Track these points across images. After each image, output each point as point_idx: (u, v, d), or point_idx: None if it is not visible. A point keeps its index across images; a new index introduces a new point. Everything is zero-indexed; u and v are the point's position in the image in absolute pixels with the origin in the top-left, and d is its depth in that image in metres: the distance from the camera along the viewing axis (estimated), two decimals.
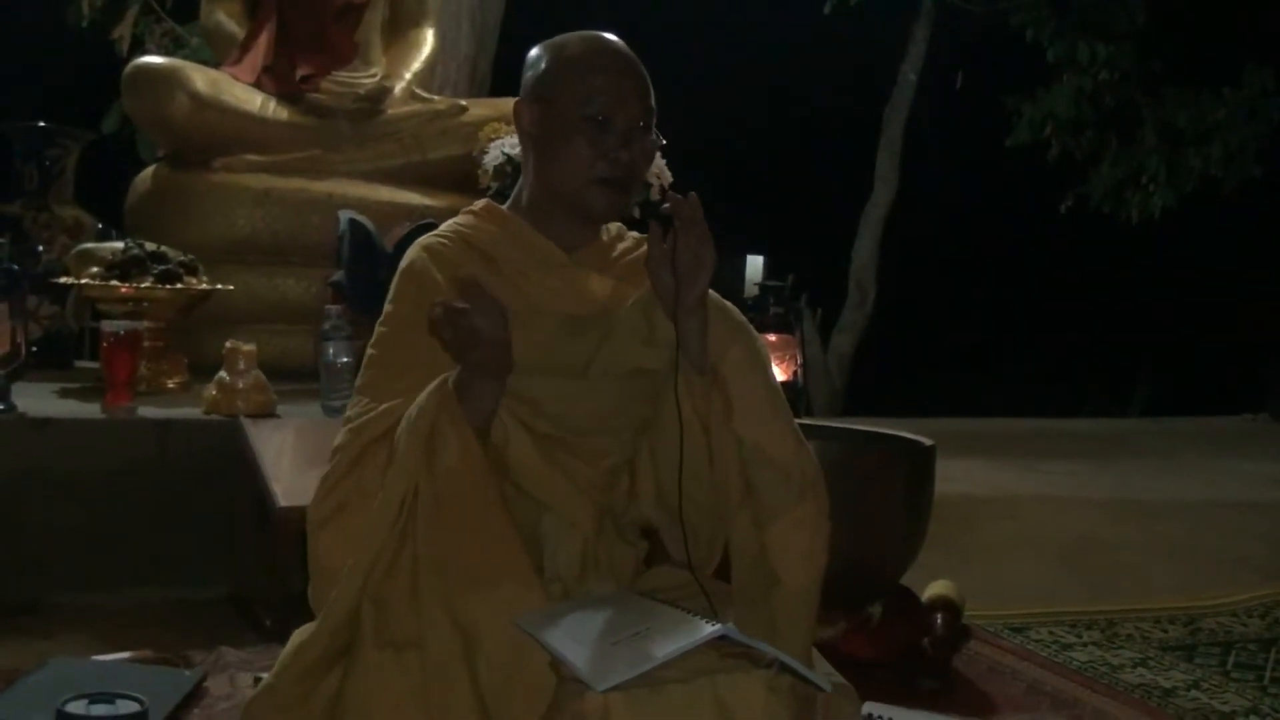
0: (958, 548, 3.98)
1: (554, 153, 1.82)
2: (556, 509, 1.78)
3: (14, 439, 3.16)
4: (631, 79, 1.83)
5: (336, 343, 3.53)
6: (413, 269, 1.84)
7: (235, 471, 3.14)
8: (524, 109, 1.86)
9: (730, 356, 1.74)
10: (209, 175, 4.62)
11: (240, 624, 3.02)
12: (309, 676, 1.63)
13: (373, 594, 1.60)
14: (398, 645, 1.57)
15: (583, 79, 1.81)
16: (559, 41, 1.88)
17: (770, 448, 1.72)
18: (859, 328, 11.47)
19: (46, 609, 3.05)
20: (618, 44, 1.87)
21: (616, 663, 1.48)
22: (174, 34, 8.04)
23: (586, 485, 1.80)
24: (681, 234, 1.67)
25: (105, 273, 3.86)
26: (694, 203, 1.67)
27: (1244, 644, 3.24)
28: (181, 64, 4.82)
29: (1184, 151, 9.90)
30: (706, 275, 1.68)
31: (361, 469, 1.70)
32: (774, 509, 1.71)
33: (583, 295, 1.84)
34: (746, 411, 1.73)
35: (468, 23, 7.17)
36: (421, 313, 1.73)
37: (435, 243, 1.86)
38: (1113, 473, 6.01)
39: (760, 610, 1.70)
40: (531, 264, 1.85)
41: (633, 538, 1.90)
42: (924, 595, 2.99)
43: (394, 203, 4.75)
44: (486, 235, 1.88)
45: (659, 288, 1.70)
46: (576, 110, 1.79)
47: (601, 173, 1.80)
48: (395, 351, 1.80)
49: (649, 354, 1.73)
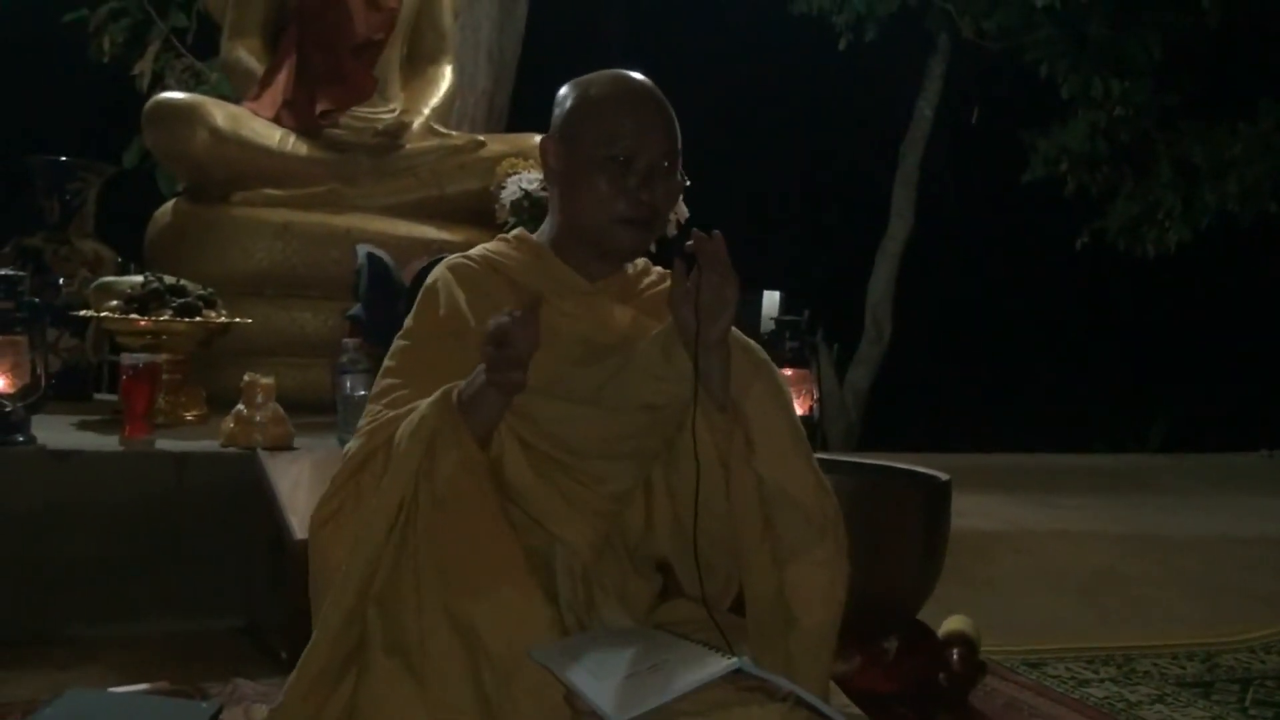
0: (974, 582, 3.97)
1: (576, 190, 1.84)
2: (551, 528, 1.78)
3: (33, 471, 3.17)
4: (656, 119, 1.84)
5: (354, 376, 3.54)
6: (436, 287, 1.88)
7: (252, 504, 3.14)
8: (550, 146, 1.88)
9: (753, 394, 1.75)
10: (228, 209, 4.66)
11: (256, 656, 3.03)
12: (318, 689, 1.63)
13: (377, 597, 1.62)
14: (404, 649, 1.58)
15: (606, 118, 1.82)
16: (586, 80, 1.89)
17: (792, 487, 1.73)
18: (875, 362, 11.46)
19: (64, 640, 3.06)
20: (645, 84, 1.88)
21: (633, 696, 1.48)
22: (194, 69, 8.12)
23: (583, 507, 1.79)
24: (705, 271, 1.67)
25: (125, 306, 3.89)
26: (718, 241, 1.68)
27: (1262, 680, 3.22)
28: (202, 99, 4.86)
29: (1200, 187, 9.87)
30: (729, 313, 1.68)
31: (362, 473, 1.72)
32: (794, 548, 1.72)
33: (603, 323, 1.85)
34: (769, 450, 1.74)
35: (485, 58, 7.23)
36: (439, 329, 1.76)
37: (461, 264, 1.90)
38: (1129, 508, 5.97)
39: (777, 648, 1.70)
40: (553, 290, 1.86)
41: (648, 571, 1.90)
42: (940, 630, 2.98)
43: (411, 237, 4.77)
44: (514, 262, 1.91)
45: (680, 324, 1.70)
46: (599, 149, 1.81)
47: (622, 212, 1.82)
48: (410, 363, 1.83)
49: (660, 389, 1.73)
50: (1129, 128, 10.04)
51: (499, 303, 1.79)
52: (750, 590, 1.73)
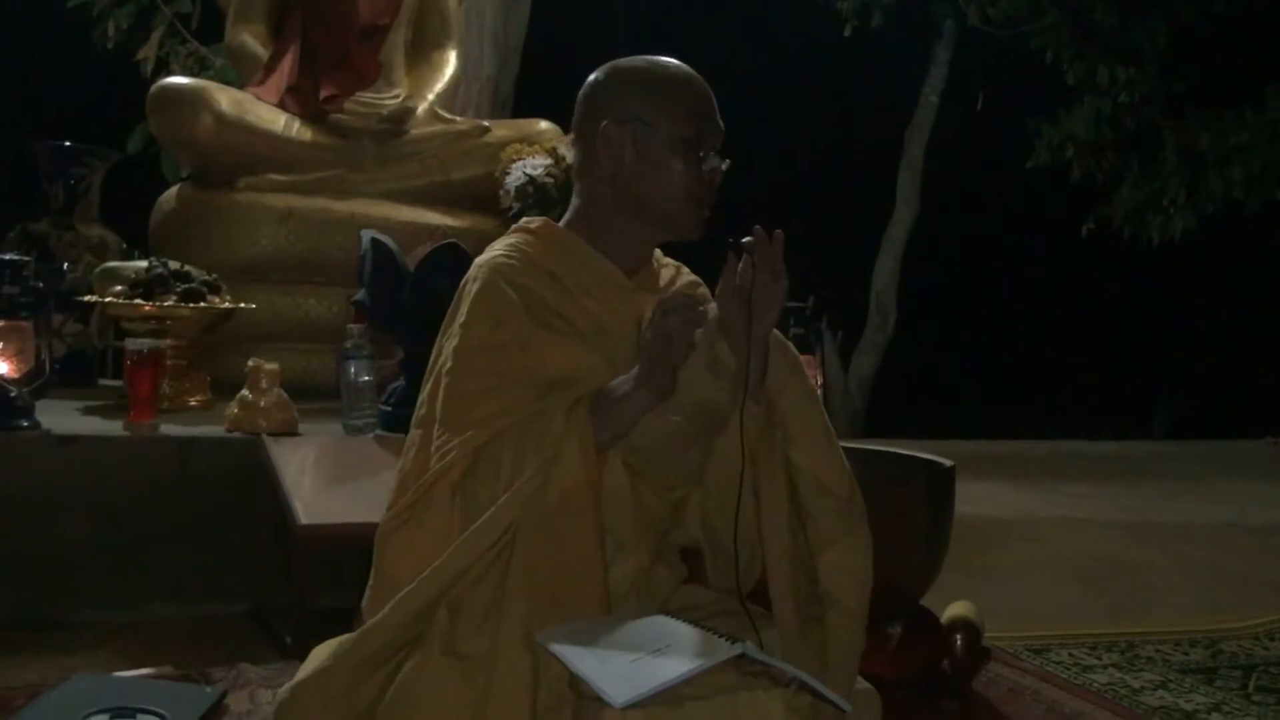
0: (978, 569, 3.97)
1: (651, 173, 1.81)
2: (618, 537, 1.77)
3: (38, 456, 3.18)
4: (712, 101, 1.86)
5: (358, 361, 3.55)
6: (488, 292, 1.78)
7: (257, 489, 3.15)
8: (614, 129, 1.82)
9: (790, 390, 1.77)
10: (233, 195, 4.65)
11: (261, 641, 3.03)
12: (365, 667, 1.62)
13: (452, 600, 1.61)
14: (463, 655, 1.57)
15: (679, 100, 1.82)
16: (636, 65, 1.87)
17: (826, 477, 1.77)
18: (880, 349, 11.47)
19: (69, 626, 3.06)
20: (689, 68, 1.88)
21: (635, 680, 1.48)
22: (199, 55, 8.10)
23: (650, 516, 1.81)
24: (759, 270, 1.68)
25: (129, 291, 3.89)
26: (778, 240, 1.68)
27: (1265, 667, 3.22)
28: (206, 84, 4.86)
29: (1205, 174, 9.86)
30: (776, 310, 1.69)
31: (433, 493, 1.70)
32: (830, 535, 1.75)
33: (643, 321, 1.83)
34: (807, 443, 1.77)
35: (490, 44, 7.21)
36: (497, 334, 1.73)
37: (504, 263, 1.82)
38: (1134, 495, 5.98)
39: (812, 632, 1.70)
40: (597, 284, 1.85)
41: (674, 560, 1.91)
42: (944, 616, 2.99)
43: (416, 223, 4.77)
44: (547, 253, 1.85)
45: (729, 320, 1.69)
46: (675, 130, 1.80)
47: (697, 192, 1.82)
48: (473, 380, 1.74)
49: (717, 386, 1.72)
50: (1134, 115, 10.03)
51: (545, 297, 1.79)
52: (783, 579, 1.71)
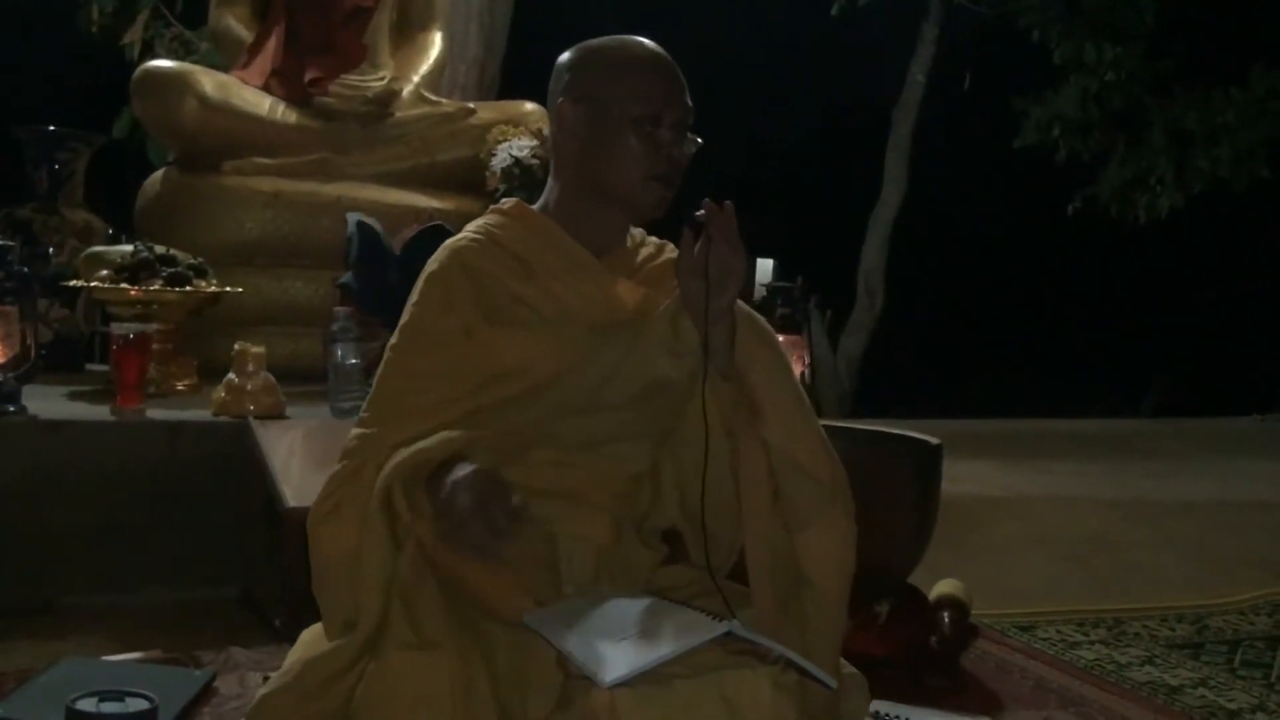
0: (966, 547, 3.99)
1: (606, 151, 1.81)
2: (565, 530, 1.77)
3: (25, 441, 3.17)
4: (676, 79, 1.84)
5: (345, 344, 3.55)
6: (436, 273, 1.80)
7: (245, 473, 3.15)
8: (569, 109, 1.83)
9: (759, 364, 1.76)
10: (218, 178, 4.64)
11: (250, 624, 3.04)
12: (336, 679, 1.62)
13: (401, 593, 1.61)
14: (423, 646, 1.57)
15: (635, 77, 1.81)
16: (599, 43, 1.87)
17: (801, 454, 1.75)
18: (868, 329, 11.47)
19: (58, 610, 3.07)
20: (657, 46, 1.87)
21: (623, 658, 1.49)
22: (184, 39, 8.07)
23: (595, 500, 1.79)
24: (715, 242, 1.68)
25: (115, 276, 3.88)
26: (729, 212, 1.68)
27: (1251, 642, 3.24)
28: (190, 68, 4.85)
29: (1192, 152, 9.86)
30: (736, 284, 1.69)
31: (359, 479, 1.69)
32: (806, 514, 1.73)
33: (613, 302, 1.82)
34: (777, 419, 1.75)
35: (476, 25, 7.19)
36: (445, 320, 1.73)
37: (464, 245, 1.82)
38: (1122, 473, 5.99)
39: (792, 612, 1.70)
40: (564, 267, 1.84)
41: (654, 541, 1.91)
42: (931, 594, 3.00)
43: (402, 205, 4.76)
44: (517, 236, 1.85)
45: (688, 295, 1.70)
46: (630, 108, 1.79)
47: (655, 169, 1.80)
48: (416, 360, 1.75)
49: (673, 364, 1.73)
50: (1121, 93, 10.02)
51: (507, 282, 1.78)
52: (761, 558, 1.72)
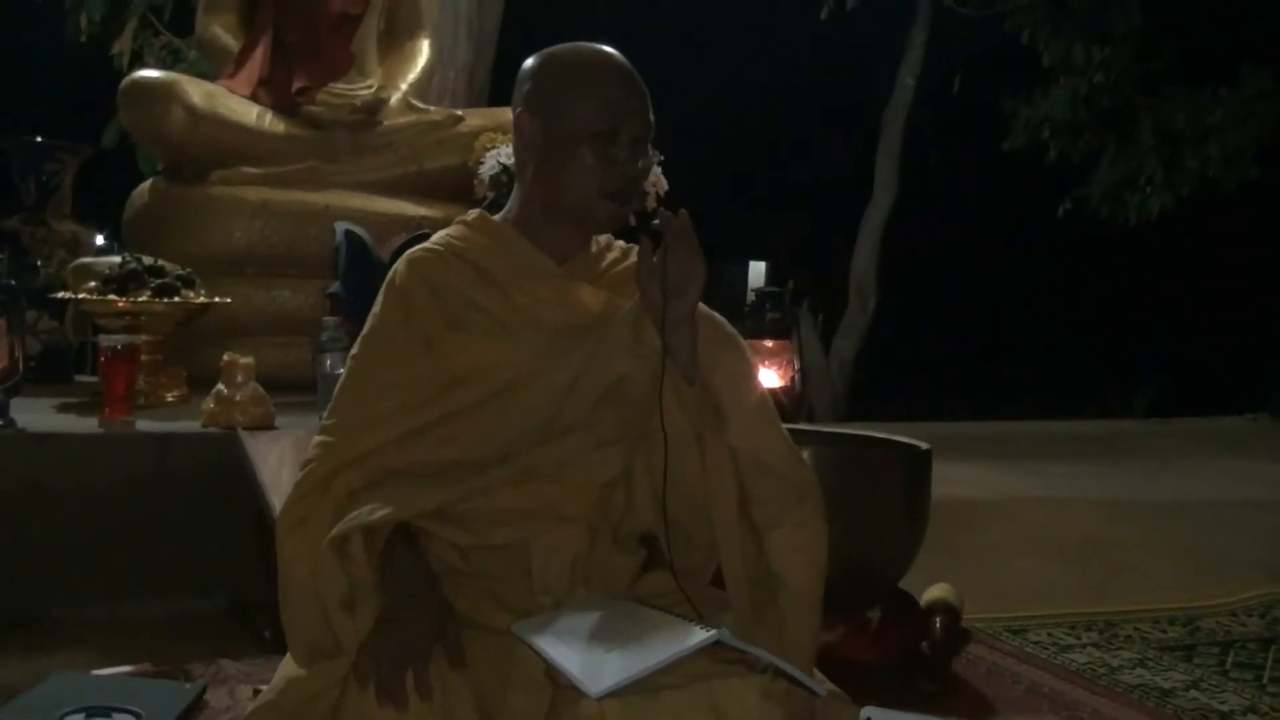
0: (958, 551, 3.98)
1: (559, 165, 1.80)
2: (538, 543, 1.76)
3: (13, 454, 3.17)
4: (635, 93, 1.81)
5: (334, 354, 3.53)
6: (396, 284, 1.83)
7: (235, 484, 3.14)
8: (526, 121, 1.82)
9: (721, 368, 1.75)
10: (206, 188, 4.63)
11: (240, 636, 3.03)
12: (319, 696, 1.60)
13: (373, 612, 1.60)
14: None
15: (589, 92, 1.78)
16: (559, 52, 1.85)
17: (766, 455, 1.74)
18: (860, 333, 11.48)
19: (48, 623, 3.06)
20: (619, 58, 1.84)
21: (611, 669, 1.48)
22: (172, 47, 8.07)
23: (576, 512, 1.78)
24: (671, 248, 1.67)
25: (103, 287, 3.87)
26: (684, 219, 1.68)
27: (1243, 643, 3.24)
28: (178, 77, 4.83)
29: (1182, 153, 9.88)
30: (696, 289, 1.68)
31: (322, 492, 1.69)
32: (775, 514, 1.72)
33: (575, 307, 1.82)
34: (740, 421, 1.74)
35: (465, 32, 7.19)
36: (404, 329, 1.74)
37: (422, 256, 1.84)
38: (1114, 474, 6.00)
39: (767, 615, 1.70)
40: (524, 275, 1.83)
41: (631, 546, 1.90)
42: (923, 598, 3.00)
43: (390, 213, 4.76)
44: (477, 246, 1.85)
45: (648, 301, 1.70)
46: (584, 123, 1.77)
47: (608, 186, 1.79)
48: (375, 368, 1.78)
49: (634, 365, 1.73)
50: (1111, 94, 10.04)
51: (466, 291, 1.78)
52: (734, 561, 1.71)
